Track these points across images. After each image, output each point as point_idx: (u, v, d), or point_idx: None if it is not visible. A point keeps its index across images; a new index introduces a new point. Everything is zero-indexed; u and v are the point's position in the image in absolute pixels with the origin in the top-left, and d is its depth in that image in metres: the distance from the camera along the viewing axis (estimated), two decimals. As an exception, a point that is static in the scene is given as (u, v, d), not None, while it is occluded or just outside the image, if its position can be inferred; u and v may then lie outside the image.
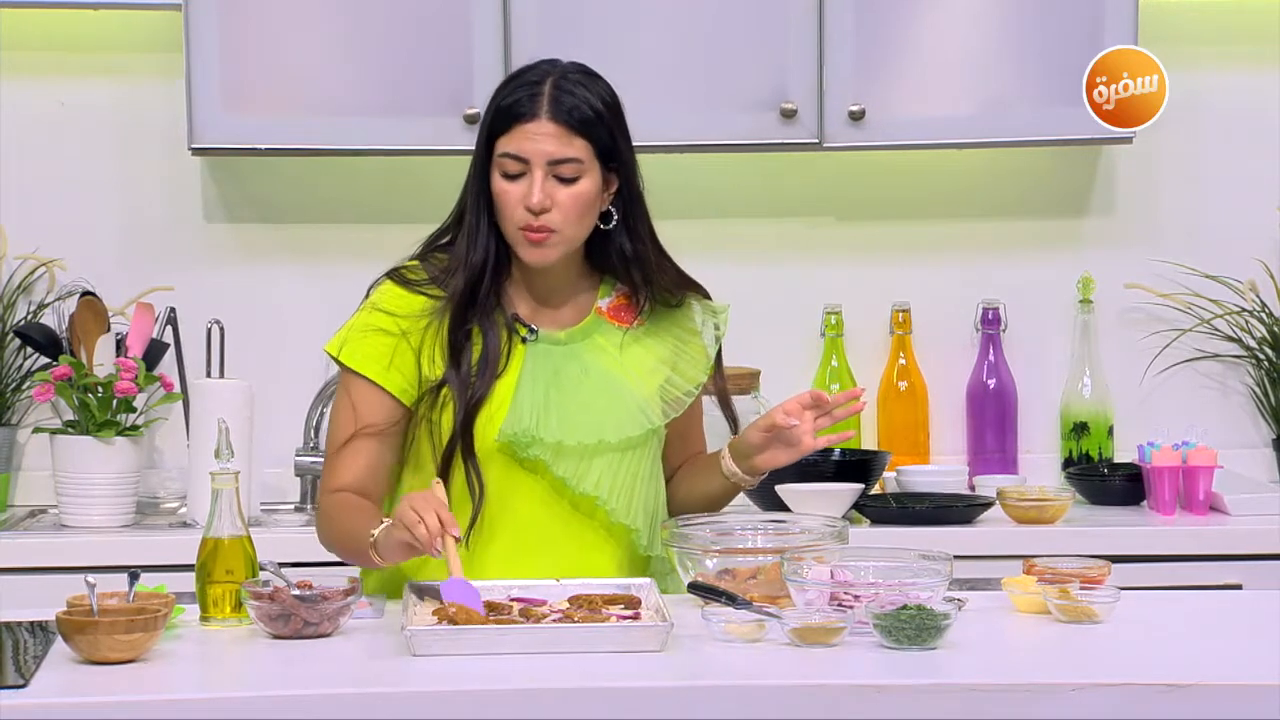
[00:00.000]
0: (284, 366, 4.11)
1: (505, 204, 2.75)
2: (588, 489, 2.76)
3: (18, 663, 2.38)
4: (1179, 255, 4.20)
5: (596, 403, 2.79)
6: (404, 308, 2.79)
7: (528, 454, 2.74)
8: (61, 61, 4.11)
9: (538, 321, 2.82)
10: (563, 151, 2.72)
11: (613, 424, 2.78)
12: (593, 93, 2.75)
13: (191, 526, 3.72)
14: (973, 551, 3.50)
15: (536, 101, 2.73)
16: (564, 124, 2.72)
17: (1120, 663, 2.39)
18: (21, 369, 4.04)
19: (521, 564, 2.73)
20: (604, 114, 2.75)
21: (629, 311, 2.86)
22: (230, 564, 2.58)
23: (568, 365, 2.80)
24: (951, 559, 2.53)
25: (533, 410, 2.75)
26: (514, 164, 2.73)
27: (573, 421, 2.76)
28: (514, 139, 2.73)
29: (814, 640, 2.40)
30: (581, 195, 2.74)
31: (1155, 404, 4.21)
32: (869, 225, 4.24)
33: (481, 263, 2.77)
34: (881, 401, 4.20)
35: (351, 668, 2.36)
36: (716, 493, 2.90)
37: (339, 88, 3.88)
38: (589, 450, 2.76)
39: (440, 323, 2.77)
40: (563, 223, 2.74)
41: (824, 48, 3.88)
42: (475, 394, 2.74)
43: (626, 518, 2.78)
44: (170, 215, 4.14)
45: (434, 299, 2.78)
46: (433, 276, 2.80)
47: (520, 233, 2.74)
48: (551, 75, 2.75)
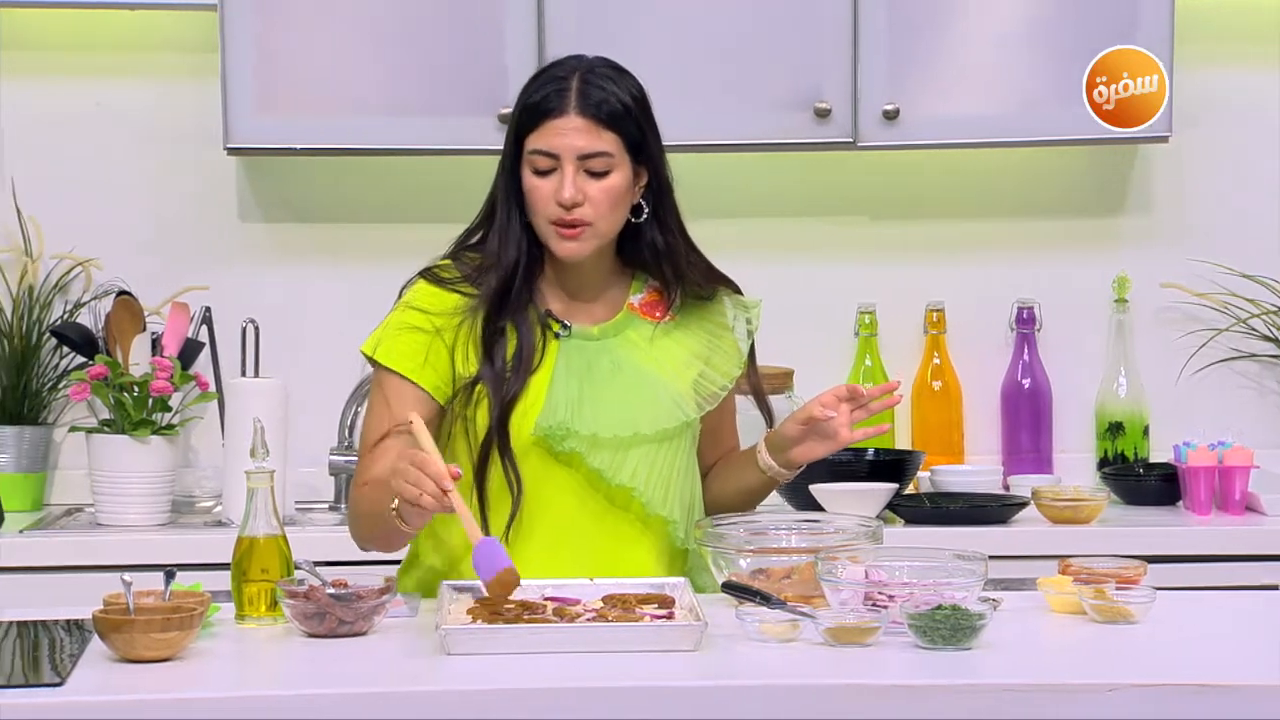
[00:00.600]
0: (318, 366, 4.11)
1: (537, 200, 2.75)
2: (624, 480, 2.76)
3: (54, 661, 2.39)
4: (1215, 254, 4.19)
5: (630, 396, 2.79)
6: (438, 305, 2.80)
7: (563, 447, 2.75)
8: (97, 62, 4.12)
9: (570, 318, 2.83)
10: (592, 145, 2.73)
11: (647, 416, 2.79)
12: (620, 86, 2.76)
13: (226, 525, 3.73)
14: (1007, 551, 3.49)
15: (564, 97, 2.74)
16: (593, 118, 2.73)
17: (1156, 663, 2.39)
18: (58, 368, 4.06)
19: (560, 557, 2.74)
20: (632, 107, 2.76)
21: (660, 307, 2.87)
22: (265, 563, 2.58)
23: (600, 360, 2.81)
24: (986, 559, 2.52)
25: (567, 404, 2.76)
26: (544, 160, 2.74)
27: (607, 414, 2.77)
28: (543, 135, 2.74)
29: (848, 640, 2.40)
30: (612, 189, 2.75)
31: (1191, 404, 4.20)
32: (903, 224, 4.23)
33: (514, 260, 2.78)
34: (915, 401, 4.20)
35: (386, 666, 2.36)
36: (753, 487, 2.90)
37: (373, 88, 3.89)
38: (624, 442, 2.77)
39: (474, 320, 2.78)
40: (595, 216, 2.75)
41: (858, 47, 3.88)
42: (510, 390, 2.75)
43: (663, 509, 2.79)
44: (205, 215, 4.15)
45: (467, 296, 2.79)
46: (465, 275, 2.81)
47: (552, 227, 2.75)
48: (578, 70, 2.76)
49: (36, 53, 4.12)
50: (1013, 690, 2.23)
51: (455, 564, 2.76)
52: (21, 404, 4.01)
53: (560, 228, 2.75)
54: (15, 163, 4.10)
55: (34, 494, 4.01)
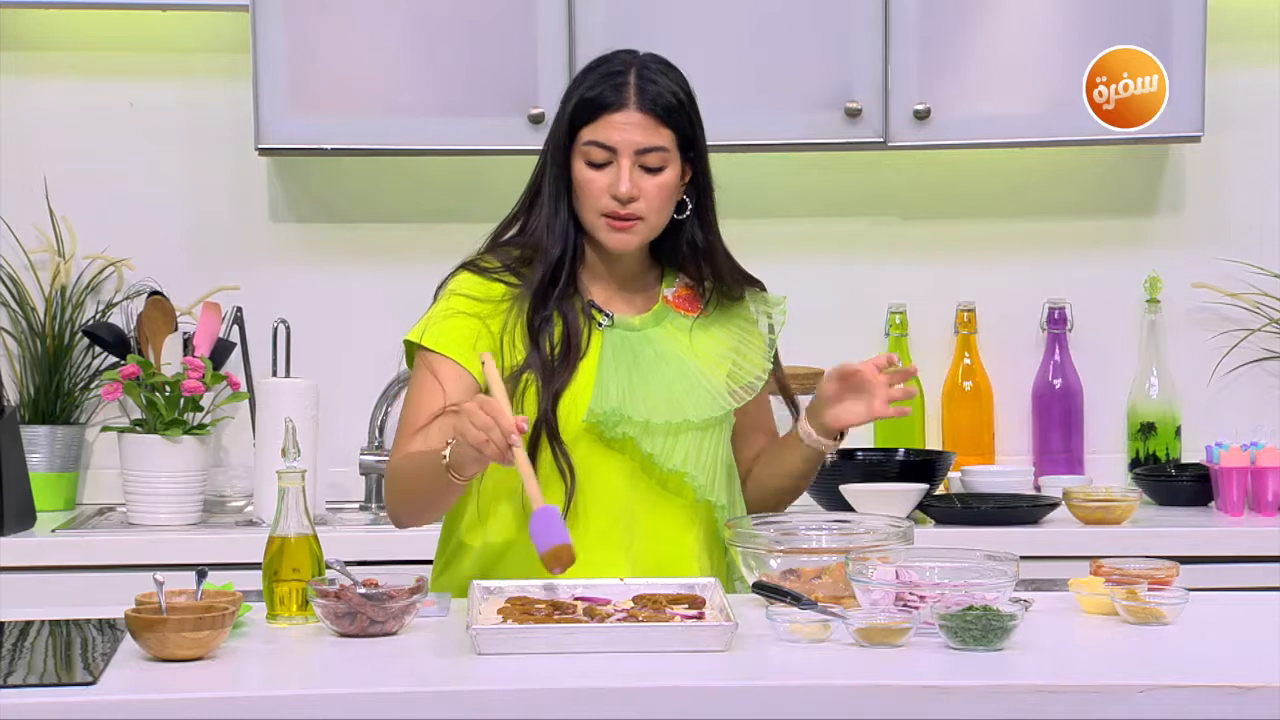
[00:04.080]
0: (349, 366, 4.13)
1: (589, 192, 2.77)
2: (676, 465, 2.79)
3: (86, 660, 2.40)
4: (1247, 254, 4.17)
5: (676, 384, 2.82)
6: (483, 293, 2.82)
7: (615, 433, 2.77)
8: (130, 63, 4.14)
9: (611, 308, 2.85)
10: (650, 141, 2.76)
11: (692, 405, 2.81)
12: (674, 82, 2.79)
13: (258, 525, 3.74)
14: (1039, 552, 3.49)
15: (623, 91, 2.76)
16: (650, 113, 2.76)
17: (1188, 665, 2.38)
18: (90, 368, 4.08)
19: (611, 541, 2.76)
20: (686, 103, 2.80)
21: (693, 301, 2.89)
22: (296, 562, 2.59)
23: (644, 349, 2.83)
24: (1018, 559, 2.51)
25: (618, 391, 2.78)
26: (600, 152, 2.76)
27: (656, 401, 2.79)
28: (600, 128, 2.76)
29: (879, 641, 2.40)
30: (666, 185, 2.78)
31: (1223, 404, 4.18)
32: (934, 224, 4.23)
33: (563, 251, 2.80)
34: (946, 401, 4.19)
35: (417, 666, 2.36)
36: (797, 467, 2.89)
37: (404, 88, 3.89)
38: (674, 429, 2.79)
39: (519, 309, 2.80)
40: (648, 211, 2.78)
41: (889, 47, 3.87)
42: (560, 380, 2.76)
43: (711, 494, 2.81)
44: (237, 215, 4.17)
45: (511, 286, 2.81)
46: (506, 265, 2.83)
47: (603, 220, 2.78)
48: (633, 65, 2.78)
49: (69, 53, 4.13)
50: (1044, 691, 2.22)
51: (496, 562, 2.78)
52: (54, 404, 4.03)
53: (611, 220, 2.77)
54: (48, 163, 4.11)
55: (66, 493, 4.03)
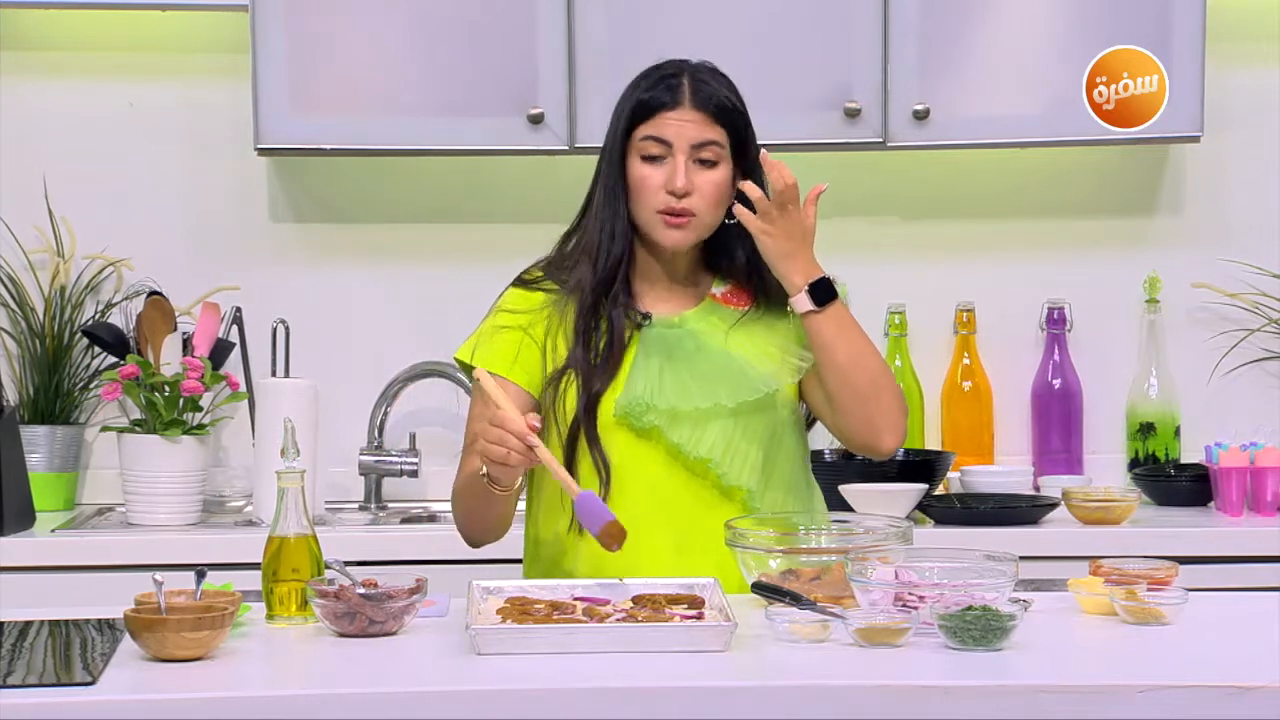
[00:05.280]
0: (349, 366, 4.13)
1: (645, 188, 2.82)
2: (702, 453, 2.81)
3: (86, 660, 2.40)
4: (1247, 254, 4.17)
5: (712, 371, 2.85)
6: (524, 305, 2.89)
7: (643, 422, 2.81)
8: (130, 63, 4.14)
9: (654, 307, 2.89)
10: (704, 135, 2.82)
11: (727, 389, 2.84)
12: (727, 87, 2.87)
13: (257, 525, 3.74)
14: (1038, 552, 3.49)
15: (678, 91, 2.83)
16: (705, 110, 2.82)
17: (1188, 665, 2.38)
18: (89, 368, 4.08)
19: (650, 529, 2.78)
20: (739, 106, 2.86)
21: (744, 298, 2.92)
22: (296, 562, 2.59)
23: (682, 342, 2.87)
24: (1017, 560, 2.51)
25: (646, 382, 2.82)
26: (656, 146, 2.82)
27: (686, 389, 2.83)
28: (656, 124, 2.82)
29: (878, 641, 2.40)
30: (720, 182, 2.83)
31: (1222, 404, 4.18)
32: (933, 224, 4.23)
33: (621, 253, 2.84)
34: (945, 401, 4.19)
35: (416, 666, 2.37)
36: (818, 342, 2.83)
37: (403, 88, 3.89)
38: (704, 414, 2.82)
39: (563, 311, 2.85)
40: (702, 207, 2.82)
41: (888, 47, 3.87)
42: (599, 381, 2.82)
43: (738, 480, 2.83)
44: (236, 215, 4.17)
45: (551, 293, 2.88)
46: (549, 272, 2.89)
47: (658, 216, 2.83)
48: (686, 70, 2.86)
49: (68, 54, 4.13)
50: (1044, 691, 2.23)
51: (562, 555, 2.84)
52: (53, 404, 4.03)
53: (666, 216, 2.82)
54: (48, 163, 4.11)
55: (65, 494, 4.03)
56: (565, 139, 3.86)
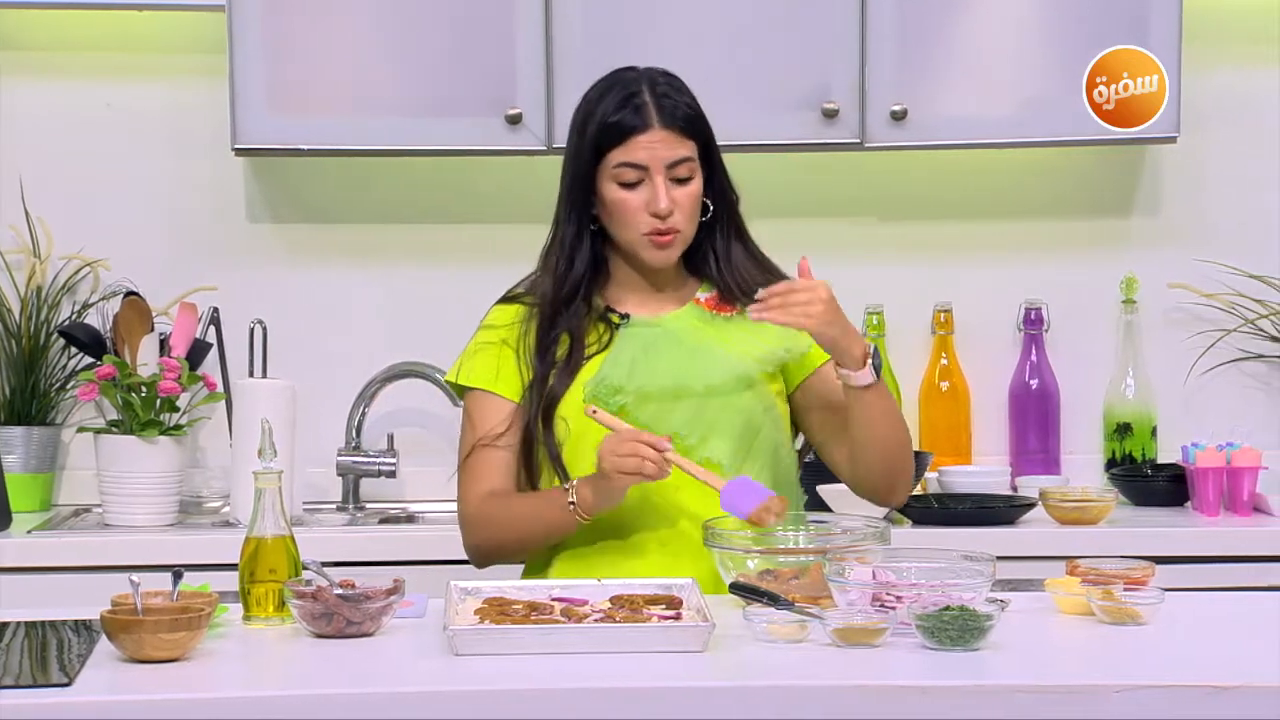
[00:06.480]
0: (327, 366, 4.12)
1: (627, 211, 2.83)
2: (671, 428, 2.82)
3: (62, 661, 2.39)
4: (1223, 255, 4.18)
5: (684, 357, 2.87)
6: (503, 319, 2.92)
7: (613, 402, 2.83)
8: (106, 63, 4.13)
9: (638, 312, 2.91)
10: (677, 153, 2.83)
11: (697, 373, 2.86)
12: (687, 95, 2.88)
13: (234, 526, 3.74)
14: (1015, 552, 3.49)
15: (644, 112, 2.83)
16: (672, 128, 2.83)
17: (1164, 664, 2.38)
18: (66, 368, 4.06)
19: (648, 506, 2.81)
20: (700, 112, 2.88)
21: (728, 305, 2.93)
22: (273, 563, 2.59)
23: (659, 336, 2.89)
24: (994, 560, 2.52)
25: (616, 367, 2.85)
26: (632, 172, 2.83)
27: (656, 373, 2.85)
28: (629, 149, 2.82)
29: (856, 641, 2.40)
30: (695, 194, 2.86)
31: (1199, 405, 4.19)
32: (911, 225, 4.23)
33: (583, 273, 2.87)
34: (923, 401, 4.19)
35: (394, 667, 2.36)
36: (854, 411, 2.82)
37: (382, 88, 3.89)
38: (669, 393, 2.84)
39: (531, 326, 2.89)
40: (684, 222, 2.85)
41: (866, 48, 3.88)
42: (557, 387, 2.84)
43: (711, 451, 2.83)
44: (214, 215, 4.16)
45: (528, 305, 2.91)
46: (529, 288, 2.93)
47: (645, 238, 2.84)
48: (644, 83, 2.85)
49: (45, 54, 4.12)
50: (1021, 691, 2.23)
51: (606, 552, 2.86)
52: (30, 404, 4.02)
53: (654, 237, 2.84)
54: (24, 163, 4.10)
55: (42, 494, 4.02)
56: (543, 139, 3.86)
